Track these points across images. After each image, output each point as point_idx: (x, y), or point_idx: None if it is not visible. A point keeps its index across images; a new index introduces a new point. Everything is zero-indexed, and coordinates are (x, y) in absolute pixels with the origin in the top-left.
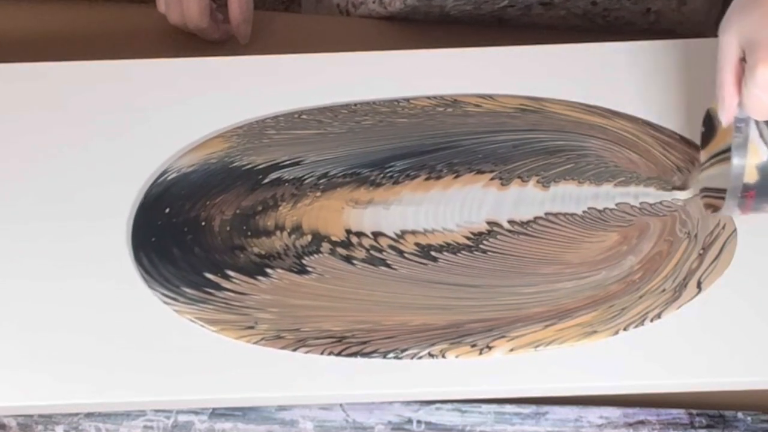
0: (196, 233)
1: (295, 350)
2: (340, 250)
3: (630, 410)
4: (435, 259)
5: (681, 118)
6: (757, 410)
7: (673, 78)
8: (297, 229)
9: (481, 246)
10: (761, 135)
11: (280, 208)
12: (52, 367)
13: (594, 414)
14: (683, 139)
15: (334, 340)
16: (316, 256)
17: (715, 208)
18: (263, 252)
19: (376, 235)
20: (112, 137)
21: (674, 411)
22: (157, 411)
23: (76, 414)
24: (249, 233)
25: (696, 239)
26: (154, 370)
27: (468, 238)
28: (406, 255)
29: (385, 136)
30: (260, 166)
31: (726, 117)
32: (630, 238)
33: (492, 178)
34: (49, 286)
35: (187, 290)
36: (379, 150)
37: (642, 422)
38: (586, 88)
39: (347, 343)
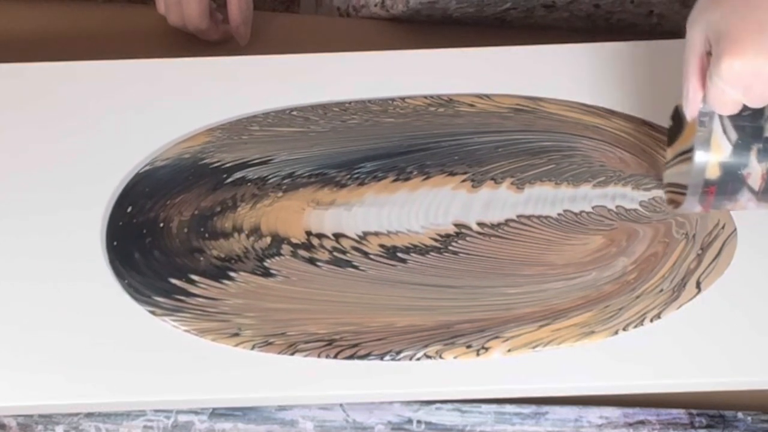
0: (154, 235)
1: (292, 354)
2: (302, 252)
3: (630, 410)
4: (403, 261)
5: None
6: (757, 410)
7: (673, 78)
8: (255, 231)
9: (450, 248)
10: (725, 131)
11: (239, 209)
12: (52, 367)
13: (594, 414)
14: None
15: (324, 343)
16: (277, 258)
17: (677, 204)
18: (222, 255)
19: (338, 236)
20: (111, 136)
21: (674, 411)
22: (157, 411)
23: (76, 414)
24: (206, 235)
25: (694, 240)
26: (153, 371)
27: (435, 240)
28: (371, 256)
29: (366, 135)
30: (228, 164)
31: (690, 111)
32: (618, 241)
33: (463, 180)
34: (47, 287)
35: (159, 299)
36: (354, 150)
37: (642, 422)
38: (585, 88)
39: (338, 346)
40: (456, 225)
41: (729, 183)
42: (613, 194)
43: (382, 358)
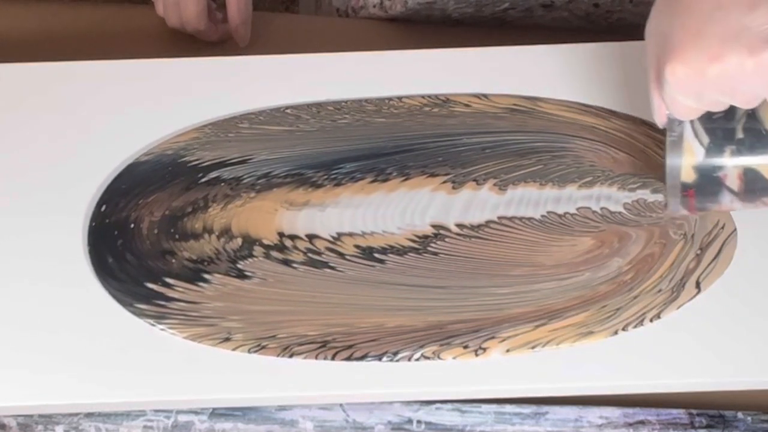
0: (125, 237)
1: (291, 357)
2: (275, 254)
3: (630, 410)
4: (381, 261)
5: None
6: (757, 410)
7: None
8: (226, 232)
9: (430, 248)
10: (696, 135)
11: (210, 209)
12: (53, 367)
13: (594, 414)
14: None
15: (318, 345)
16: (250, 260)
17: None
18: (194, 256)
19: (311, 237)
20: (110, 135)
21: (674, 411)
22: (157, 411)
23: (76, 414)
24: (177, 236)
25: (693, 240)
26: (153, 371)
27: (413, 241)
28: (347, 257)
29: (352, 135)
30: (206, 163)
31: (658, 119)
32: (610, 243)
33: (444, 182)
34: (48, 287)
35: (141, 306)
36: (337, 150)
37: (642, 422)
38: (585, 88)
39: (333, 348)
40: (433, 226)
41: (707, 185)
42: (598, 195)
43: (380, 359)
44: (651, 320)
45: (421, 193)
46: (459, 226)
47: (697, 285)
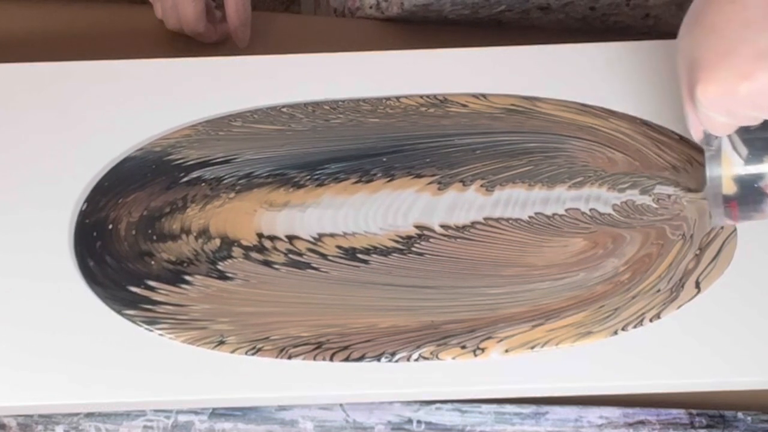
0: (103, 238)
1: (290, 358)
2: (255, 255)
3: (630, 410)
4: (365, 261)
5: (681, 118)
6: (757, 410)
7: (672, 78)
8: (204, 233)
9: (414, 249)
10: (734, 147)
11: (188, 210)
12: (53, 367)
13: (594, 414)
14: (682, 139)
15: (313, 346)
16: (230, 260)
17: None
18: (173, 258)
19: (291, 238)
20: (109, 135)
21: (674, 411)
22: (157, 411)
23: (76, 414)
24: (155, 237)
25: (692, 240)
26: (153, 371)
27: (396, 241)
28: (329, 258)
29: (342, 136)
30: (189, 162)
31: (695, 135)
32: (603, 243)
33: (429, 183)
34: (48, 287)
35: (129, 312)
36: (324, 151)
37: (642, 422)
38: (584, 88)
39: (329, 349)
40: (417, 227)
41: (749, 196)
42: (587, 196)
43: (378, 360)
44: (651, 320)
45: (405, 194)
46: (443, 226)
47: (697, 285)
